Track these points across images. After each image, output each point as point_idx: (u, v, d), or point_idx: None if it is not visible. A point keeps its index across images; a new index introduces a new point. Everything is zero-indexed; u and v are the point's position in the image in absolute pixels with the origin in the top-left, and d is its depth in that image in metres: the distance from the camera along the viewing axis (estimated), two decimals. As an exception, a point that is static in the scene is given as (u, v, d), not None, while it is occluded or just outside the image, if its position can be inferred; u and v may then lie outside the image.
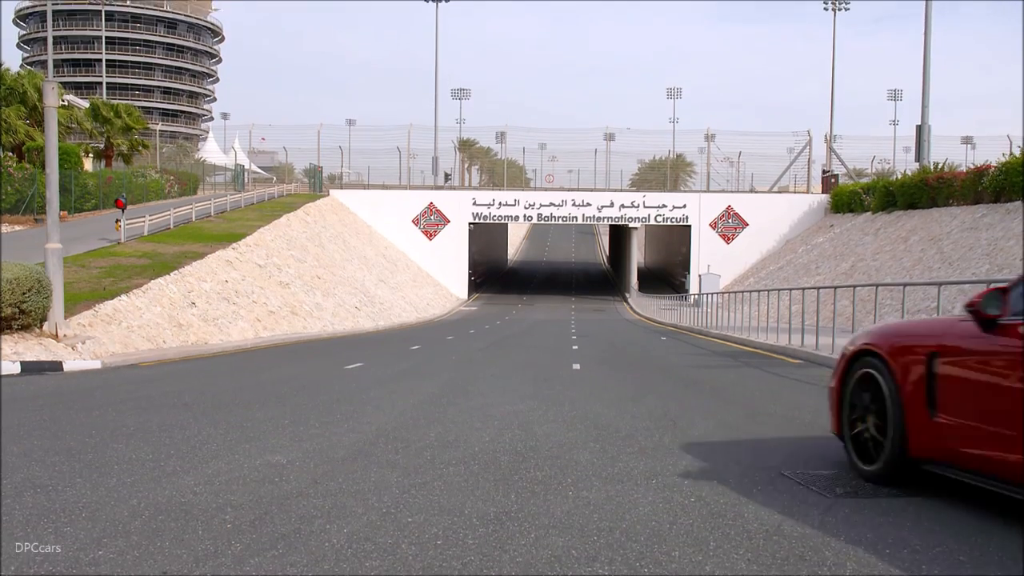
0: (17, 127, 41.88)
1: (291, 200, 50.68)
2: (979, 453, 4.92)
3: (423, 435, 7.77)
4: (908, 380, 5.45)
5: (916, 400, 5.38)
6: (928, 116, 43.60)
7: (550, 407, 9.73)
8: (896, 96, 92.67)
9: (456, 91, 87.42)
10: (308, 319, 29.99)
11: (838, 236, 45.16)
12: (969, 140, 77.88)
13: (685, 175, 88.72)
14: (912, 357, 5.48)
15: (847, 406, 6.09)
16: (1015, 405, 4.55)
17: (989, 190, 31.43)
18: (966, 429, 5.00)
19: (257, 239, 34.61)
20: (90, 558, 4.21)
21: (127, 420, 8.69)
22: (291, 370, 15.62)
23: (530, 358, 18.53)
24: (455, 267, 55.46)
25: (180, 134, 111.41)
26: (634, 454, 6.86)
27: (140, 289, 22.10)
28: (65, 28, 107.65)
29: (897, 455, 5.51)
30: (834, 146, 62.81)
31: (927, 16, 43.62)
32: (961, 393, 5.10)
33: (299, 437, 7.64)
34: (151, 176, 51.60)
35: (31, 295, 15.67)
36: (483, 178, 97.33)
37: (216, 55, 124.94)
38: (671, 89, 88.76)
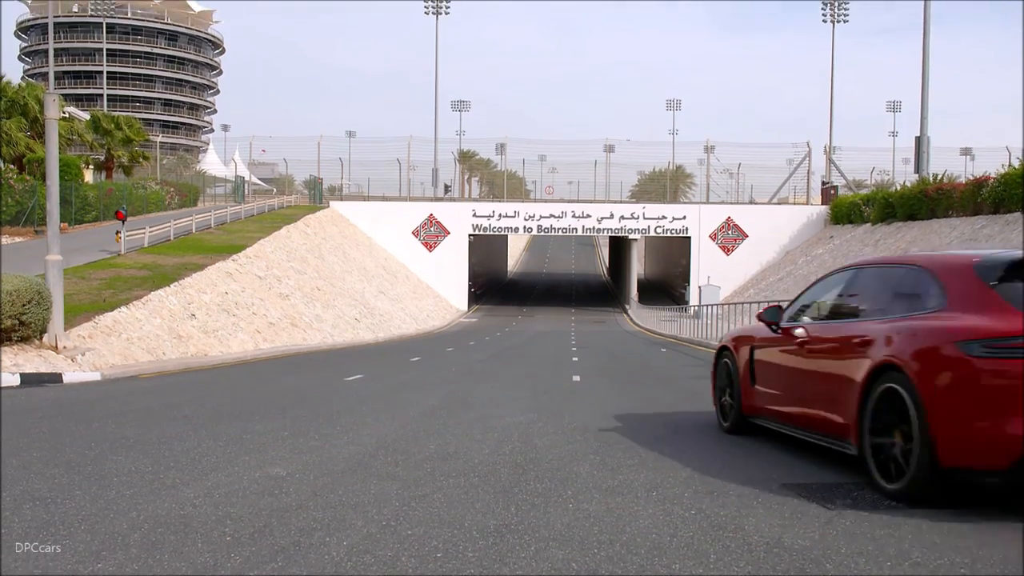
0: (18, 139, 41.93)
1: (291, 212, 50.72)
2: (773, 408, 7.57)
3: (423, 447, 7.76)
4: (741, 363, 8.26)
5: (745, 376, 8.13)
6: (927, 128, 43.67)
7: (550, 419, 9.72)
8: (895, 107, 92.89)
9: (456, 103, 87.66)
10: (308, 331, 29.98)
11: (838, 247, 45.19)
12: (968, 151, 78.02)
13: (685, 186, 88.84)
14: (743, 349, 8.26)
15: (717, 384, 8.94)
16: (787, 375, 7.34)
17: (988, 201, 31.46)
18: (767, 393, 7.69)
19: (257, 251, 34.62)
20: (89, 571, 4.21)
21: (127, 432, 8.68)
22: (291, 382, 15.61)
23: (530, 370, 18.51)
24: (455, 279, 55.45)
25: (180, 146, 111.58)
26: (634, 466, 6.85)
27: (140, 301, 22.10)
28: (66, 40, 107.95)
29: (738, 415, 8.35)
30: (833, 157, 62.89)
31: (925, 28, 43.76)
32: (765, 370, 7.80)
33: (299, 449, 7.64)
34: (151, 188, 51.64)
35: (31, 307, 15.67)
36: (483, 190, 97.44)
37: (217, 67, 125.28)
38: (670, 100, 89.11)
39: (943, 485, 5.37)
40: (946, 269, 6.02)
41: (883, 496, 5.67)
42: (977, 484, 5.36)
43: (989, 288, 5.55)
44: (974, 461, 5.20)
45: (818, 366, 6.88)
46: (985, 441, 5.11)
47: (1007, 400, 5.03)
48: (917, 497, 5.46)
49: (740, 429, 8.31)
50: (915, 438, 5.38)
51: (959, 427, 5.20)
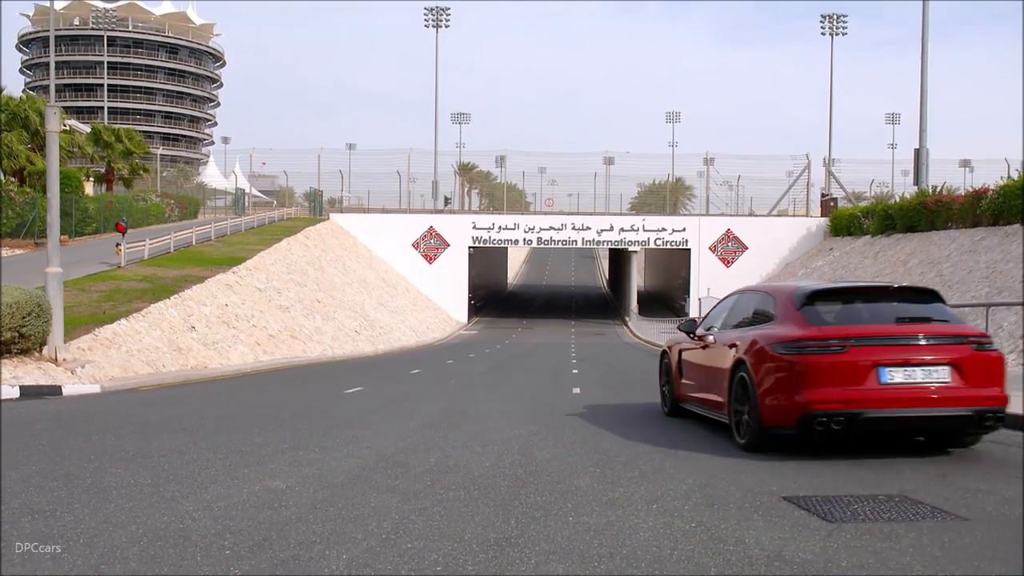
0: (19, 152, 41.99)
1: (291, 224, 50.76)
2: (691, 395, 10.27)
3: (423, 460, 7.75)
4: (673, 363, 10.94)
5: (676, 372, 10.83)
6: (926, 140, 43.72)
7: (550, 431, 9.71)
8: (894, 120, 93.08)
9: (456, 115, 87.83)
10: (308, 343, 29.97)
11: (838, 259, 45.21)
12: (967, 163, 78.10)
13: (684, 199, 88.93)
14: (675, 352, 10.96)
15: (660, 379, 11.81)
16: (698, 370, 9.95)
17: (987, 213, 31.48)
18: (688, 384, 10.37)
19: (257, 263, 34.64)
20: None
21: (126, 445, 8.66)
22: (290, 394, 15.59)
23: (530, 382, 18.50)
24: (455, 291, 55.42)
25: (181, 158, 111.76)
26: (635, 479, 6.84)
27: (140, 313, 22.10)
28: (67, 53, 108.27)
29: (672, 402, 11.10)
30: (833, 170, 62.96)
31: (924, 41, 43.89)
32: (687, 368, 10.40)
33: (298, 462, 7.62)
34: (152, 200, 51.70)
35: (31, 319, 15.67)
36: (483, 202, 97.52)
37: (217, 80, 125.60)
38: (670, 113, 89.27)
39: (767, 439, 8.00)
40: (779, 296, 8.69)
41: (737, 448, 8.29)
42: (782, 436, 7.92)
43: (796, 310, 8.23)
44: (779, 422, 7.84)
45: (711, 362, 9.50)
46: (784, 408, 7.77)
47: (796, 381, 7.69)
48: (754, 448, 8.09)
49: (675, 412, 11.10)
50: (753, 409, 8.05)
51: (772, 400, 7.86)
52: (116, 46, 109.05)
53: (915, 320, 8.06)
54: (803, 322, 8.02)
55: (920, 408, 7.59)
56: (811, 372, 7.64)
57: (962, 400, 7.62)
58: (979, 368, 7.78)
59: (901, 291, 8.65)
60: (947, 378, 7.63)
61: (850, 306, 8.36)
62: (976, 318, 22.98)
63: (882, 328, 7.91)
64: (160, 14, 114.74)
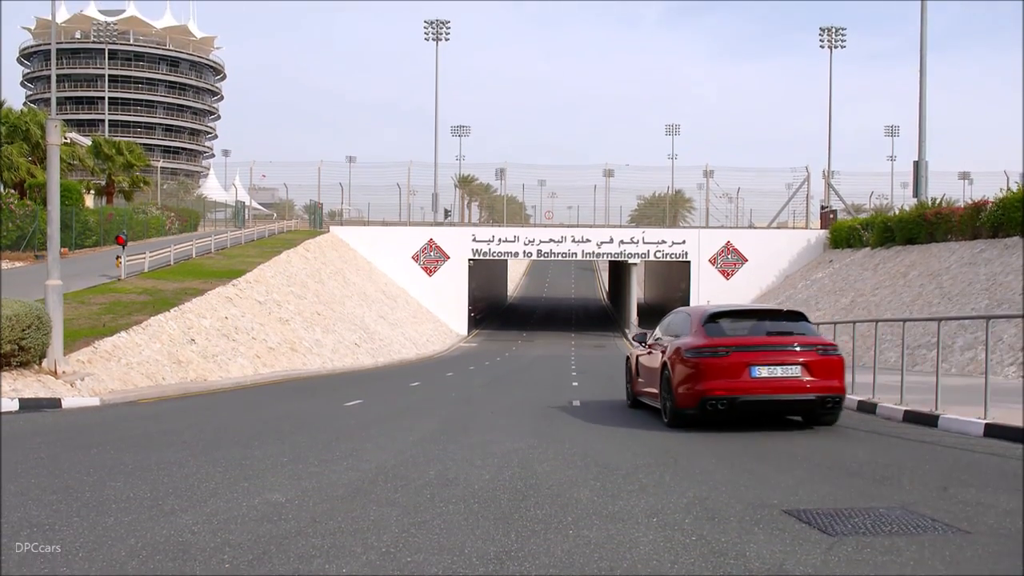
0: (19, 164, 42.06)
1: (291, 236, 50.78)
2: (643, 390, 13.08)
3: (423, 473, 7.73)
4: (632, 366, 13.92)
5: (634, 373, 13.67)
6: (925, 152, 43.81)
7: (550, 444, 9.70)
8: (893, 132, 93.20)
9: (456, 128, 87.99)
10: (308, 356, 29.95)
11: (837, 271, 45.22)
12: (966, 175, 78.10)
13: (684, 211, 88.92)
14: (633, 357, 13.89)
15: (626, 379, 14.79)
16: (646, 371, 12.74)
17: (987, 225, 31.51)
18: (641, 381, 13.14)
19: (257, 276, 34.64)
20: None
21: (125, 458, 8.65)
22: (290, 407, 15.58)
23: (530, 394, 18.48)
24: (455, 303, 55.40)
25: (181, 171, 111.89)
26: (635, 492, 6.82)
27: (140, 326, 22.09)
28: (68, 67, 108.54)
29: (632, 397, 14.09)
30: (832, 182, 62.99)
31: (922, 54, 44.02)
32: (640, 370, 13.21)
33: (298, 475, 7.61)
34: (152, 213, 51.75)
35: (31, 332, 15.66)
36: (483, 214, 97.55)
37: (218, 93, 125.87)
38: (669, 125, 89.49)
39: (679, 418, 11.08)
40: (693, 315, 11.86)
41: (664, 426, 11.34)
42: (688, 416, 10.95)
43: (702, 326, 11.28)
44: (687, 405, 10.88)
45: (651, 364, 12.48)
46: (690, 395, 10.78)
47: (697, 375, 10.71)
48: (673, 425, 11.16)
49: (635, 405, 14.19)
50: (672, 395, 11.09)
51: (683, 389, 10.87)
52: (117, 59, 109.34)
53: (781, 333, 11.21)
54: (704, 335, 11.13)
55: (779, 394, 10.72)
56: (706, 369, 10.73)
57: (808, 389, 10.71)
58: (823, 367, 10.78)
59: (778, 312, 12.53)
60: (799, 374, 10.71)
61: (737, 323, 11.57)
62: (977, 330, 22.99)
63: (755, 339, 11.07)
64: (161, 27, 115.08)
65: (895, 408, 12.40)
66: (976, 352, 22.32)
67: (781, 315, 12.26)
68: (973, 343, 22.93)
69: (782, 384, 10.67)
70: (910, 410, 12.02)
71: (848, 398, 13.41)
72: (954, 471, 7.79)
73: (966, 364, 22.29)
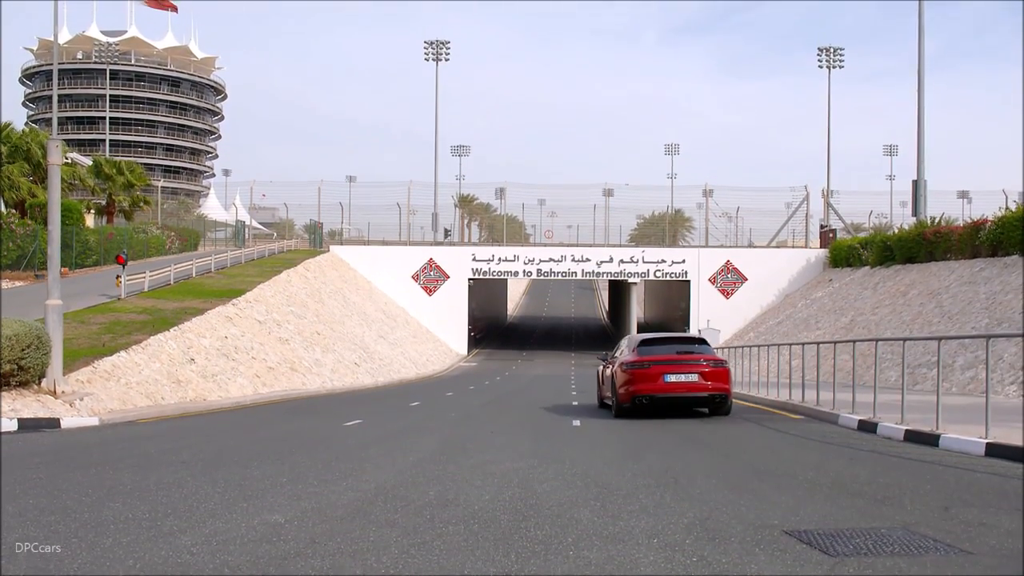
0: (20, 184, 42.17)
1: (291, 256, 50.83)
2: (604, 395, 18.22)
3: (423, 493, 7.71)
4: (598, 378, 19.36)
5: (600, 383, 18.83)
6: (924, 171, 43.94)
7: (550, 464, 9.67)
8: (892, 151, 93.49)
9: (456, 148, 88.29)
10: (307, 375, 29.91)
11: (837, 290, 45.23)
12: (965, 194, 78.15)
13: (684, 230, 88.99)
14: (598, 371, 19.32)
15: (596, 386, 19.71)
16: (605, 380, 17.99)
17: (986, 244, 31.56)
18: (603, 388, 18.41)
19: (257, 295, 34.64)
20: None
21: (124, 478, 8.62)
22: (290, 427, 15.54)
23: (530, 414, 18.44)
24: (455, 323, 55.38)
25: (182, 190, 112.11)
26: (635, 512, 6.80)
27: (139, 345, 22.08)
28: (70, 87, 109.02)
29: (599, 401, 19.11)
30: (831, 201, 63.09)
31: (920, 74, 44.23)
32: (602, 380, 18.45)
33: (297, 495, 7.59)
34: (152, 232, 51.82)
35: (30, 351, 15.65)
36: (483, 234, 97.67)
37: (219, 112, 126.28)
38: (669, 145, 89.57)
39: (620, 411, 15.87)
40: (633, 339, 17.31)
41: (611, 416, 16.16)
42: (624, 409, 15.70)
43: (636, 348, 16.30)
44: (624, 401, 15.68)
45: (607, 375, 17.22)
46: (626, 394, 15.61)
47: (630, 381, 15.56)
48: (617, 416, 15.82)
49: (601, 406, 18.54)
50: (616, 395, 15.88)
51: (622, 390, 15.68)
52: (119, 79, 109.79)
53: (687, 352, 16.21)
54: (637, 354, 16.10)
55: (683, 392, 15.67)
56: (636, 377, 15.64)
57: (702, 389, 15.63)
58: (715, 375, 15.68)
59: (687, 338, 19.46)
60: (696, 379, 15.57)
61: (659, 346, 16.67)
62: (977, 349, 22.97)
63: (668, 356, 16.00)
64: (163, 48, 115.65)
65: (896, 427, 12.37)
66: (977, 371, 22.30)
67: (689, 340, 18.41)
68: (974, 362, 22.91)
69: (685, 386, 15.59)
70: (911, 429, 12.00)
71: (849, 417, 14.08)
72: (956, 491, 7.77)
73: (967, 383, 22.26)
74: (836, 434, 13.02)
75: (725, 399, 15.86)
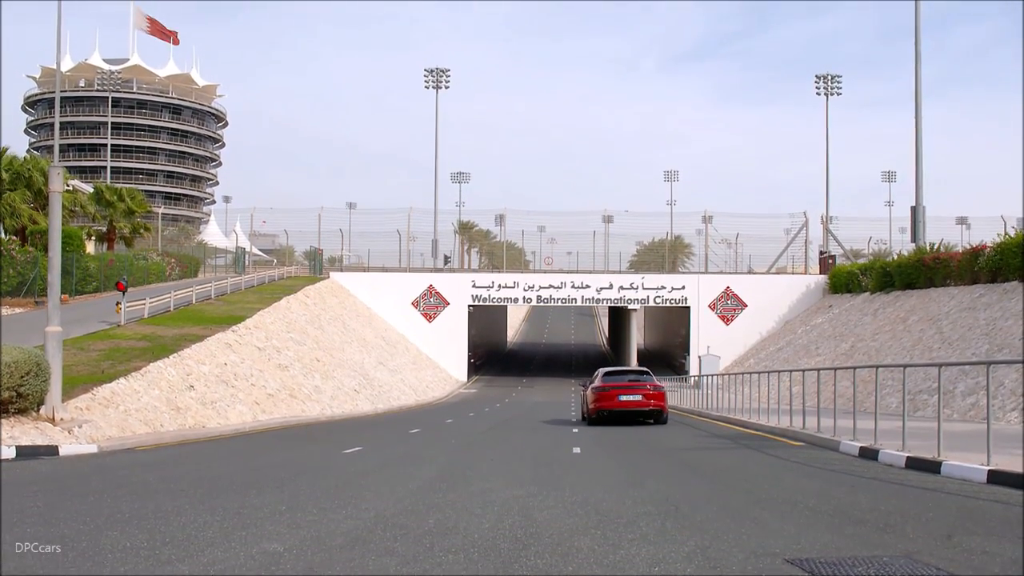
0: (22, 211, 42.28)
1: (291, 283, 50.87)
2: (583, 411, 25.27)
3: (422, 521, 7.67)
4: (582, 398, 26.07)
5: (582, 402, 25.73)
6: (923, 198, 44.06)
7: (550, 492, 9.63)
8: (890, 177, 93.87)
9: (456, 174, 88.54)
10: (307, 402, 29.83)
11: (837, 316, 45.22)
12: (964, 220, 78.32)
13: (683, 256, 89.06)
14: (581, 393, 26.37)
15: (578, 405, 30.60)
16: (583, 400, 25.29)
17: (985, 270, 31.60)
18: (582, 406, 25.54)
19: (257, 322, 34.63)
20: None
21: (122, 506, 8.58)
22: (289, 454, 15.49)
23: (530, 441, 18.38)
24: (454, 349, 55.33)
25: (182, 217, 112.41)
26: (636, 540, 6.76)
27: (139, 372, 22.04)
28: (72, 114, 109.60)
29: (581, 417, 25.85)
30: (830, 227, 63.22)
31: (917, 101, 44.48)
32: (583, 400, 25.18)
33: (296, 524, 7.55)
34: (152, 259, 51.89)
35: (29, 378, 15.62)
36: (482, 260, 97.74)
37: (219, 139, 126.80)
38: (668, 171, 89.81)
39: (589, 421, 23.58)
40: (600, 372, 24.54)
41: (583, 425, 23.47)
42: (592, 419, 23.29)
43: (602, 377, 23.89)
44: (592, 414, 23.28)
45: (583, 395, 25.00)
46: (593, 409, 23.08)
47: (596, 400, 22.97)
48: (590, 424, 23.13)
49: (581, 420, 24.68)
50: (587, 410, 23.84)
51: (591, 406, 23.23)
52: (120, 107, 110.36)
53: (635, 380, 23.40)
54: (601, 381, 23.20)
55: (632, 408, 22.55)
56: (600, 397, 22.69)
57: (645, 405, 22.52)
58: (654, 396, 22.52)
59: (637, 370, 25.50)
60: (641, 399, 22.48)
61: (616, 376, 24.04)
62: (978, 375, 22.93)
63: (622, 383, 23.11)
64: (164, 76, 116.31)
65: (897, 454, 12.33)
66: (977, 397, 22.25)
67: (638, 372, 25.10)
68: (974, 388, 22.87)
69: (634, 403, 22.66)
70: (912, 456, 11.95)
71: (850, 444, 14.08)
72: (958, 519, 7.73)
73: (968, 409, 22.21)
74: (837, 461, 12.97)
75: (661, 412, 22.97)
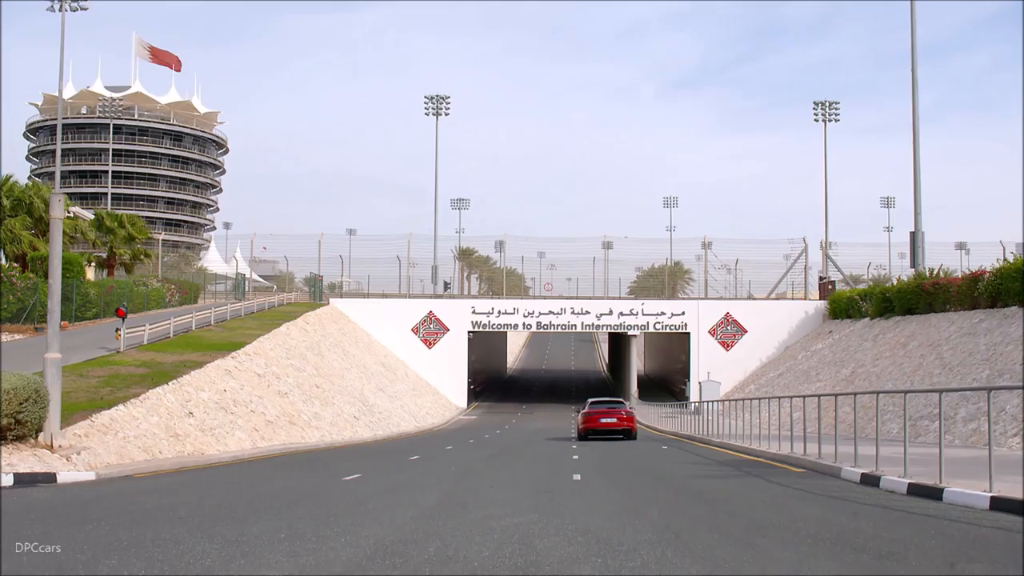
0: (22, 237, 42.38)
1: (291, 309, 50.86)
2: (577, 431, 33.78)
3: (422, 550, 7.63)
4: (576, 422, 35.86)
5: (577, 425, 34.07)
6: (921, 223, 44.15)
7: (551, 520, 9.58)
8: (889, 203, 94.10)
9: (455, 201, 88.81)
10: (306, 429, 29.74)
11: (837, 342, 45.18)
12: (963, 245, 78.44)
13: (683, 282, 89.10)
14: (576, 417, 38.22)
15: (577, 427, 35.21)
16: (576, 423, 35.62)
17: (985, 295, 31.62)
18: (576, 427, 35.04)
19: (256, 348, 34.59)
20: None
21: (120, 534, 8.53)
22: (288, 482, 15.42)
23: (530, 468, 18.31)
24: (454, 376, 55.24)
25: (183, 243, 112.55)
26: (636, 569, 6.72)
27: (138, 399, 21.99)
28: (74, 141, 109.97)
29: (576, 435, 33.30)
30: (830, 253, 63.30)
31: (914, 126, 44.70)
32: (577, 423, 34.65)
33: (295, 552, 7.50)
34: (152, 285, 51.91)
35: (28, 405, 15.58)
36: (482, 287, 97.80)
37: (220, 166, 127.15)
38: (668, 198, 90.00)
39: (580, 437, 31.59)
40: (588, 402, 33.23)
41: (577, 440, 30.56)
42: (580, 437, 31.47)
43: (589, 405, 32.66)
44: (580, 432, 31.82)
45: (577, 418, 35.85)
46: (582, 429, 31.67)
47: (583, 421, 31.74)
48: (579, 440, 30.60)
49: (577, 438, 31.59)
50: (577, 430, 33.45)
51: (580, 427, 31.97)
52: (122, 134, 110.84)
53: (612, 406, 32.39)
54: (588, 408, 32.03)
55: (609, 428, 30.88)
56: (586, 420, 31.25)
57: (619, 426, 30.83)
58: (626, 419, 31.03)
59: (614, 400, 35.52)
60: (615, 421, 30.84)
61: (599, 404, 32.48)
62: (979, 401, 22.88)
63: (602, 409, 31.67)
64: (166, 103, 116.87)
65: (899, 481, 12.28)
66: (979, 423, 22.19)
67: (615, 401, 34.19)
68: (975, 414, 22.81)
69: (610, 424, 30.54)
70: (914, 483, 11.90)
71: (851, 470, 14.06)
72: (961, 546, 7.69)
73: (969, 435, 22.14)
74: (839, 488, 12.91)
75: (631, 431, 30.77)
